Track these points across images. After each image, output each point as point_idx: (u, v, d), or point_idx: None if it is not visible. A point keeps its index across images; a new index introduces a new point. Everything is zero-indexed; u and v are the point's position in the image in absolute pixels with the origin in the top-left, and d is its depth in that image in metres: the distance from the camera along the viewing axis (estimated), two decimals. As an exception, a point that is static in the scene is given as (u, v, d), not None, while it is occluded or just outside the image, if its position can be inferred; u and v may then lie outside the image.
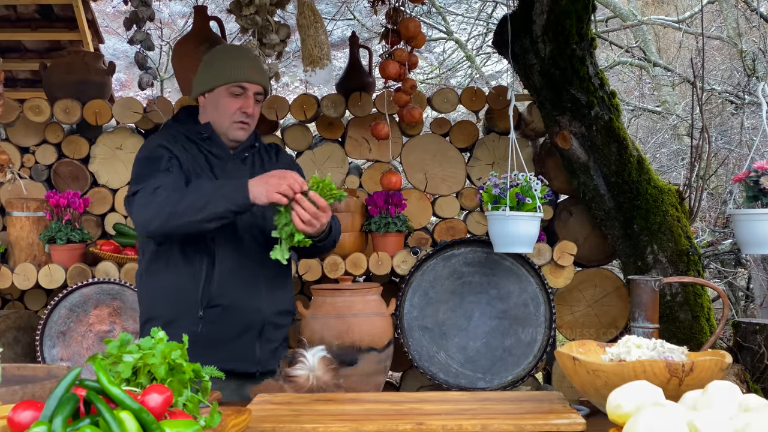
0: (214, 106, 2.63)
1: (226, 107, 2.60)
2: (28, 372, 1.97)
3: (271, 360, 2.63)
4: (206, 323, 2.53)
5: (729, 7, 7.47)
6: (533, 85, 3.71)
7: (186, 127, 2.66)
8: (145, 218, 2.43)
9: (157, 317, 2.54)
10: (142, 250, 2.66)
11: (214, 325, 2.53)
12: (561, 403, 2.02)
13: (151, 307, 2.61)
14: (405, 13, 3.54)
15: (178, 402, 1.53)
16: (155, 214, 2.39)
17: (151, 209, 2.39)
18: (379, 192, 3.74)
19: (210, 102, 2.64)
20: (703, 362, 1.78)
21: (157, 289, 2.58)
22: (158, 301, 2.58)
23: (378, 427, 1.80)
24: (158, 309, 2.58)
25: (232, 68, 2.60)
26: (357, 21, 9.62)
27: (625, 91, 9.32)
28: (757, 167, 2.65)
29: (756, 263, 5.95)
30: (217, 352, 2.45)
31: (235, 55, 2.69)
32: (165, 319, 2.50)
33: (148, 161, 2.54)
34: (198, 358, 1.85)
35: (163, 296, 2.56)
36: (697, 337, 3.70)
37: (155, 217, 2.39)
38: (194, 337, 2.47)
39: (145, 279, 2.64)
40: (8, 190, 4.04)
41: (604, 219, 3.80)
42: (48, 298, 4.06)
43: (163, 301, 2.56)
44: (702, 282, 2.63)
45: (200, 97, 2.67)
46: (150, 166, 2.51)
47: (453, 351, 3.60)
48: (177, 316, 2.51)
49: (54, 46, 5.73)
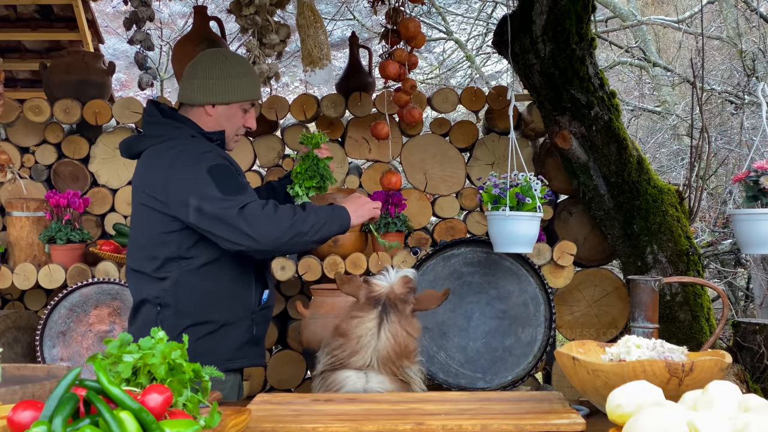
0: (227, 118, 2.69)
1: (237, 122, 2.71)
2: (28, 372, 1.97)
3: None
4: (256, 325, 2.70)
5: (729, 7, 7.48)
6: (533, 85, 3.71)
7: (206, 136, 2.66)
8: (270, 231, 2.43)
9: (208, 321, 2.58)
10: (153, 256, 2.57)
11: (261, 326, 2.74)
12: (561, 403, 2.02)
13: (197, 312, 2.58)
14: (405, 13, 3.54)
15: (178, 402, 1.53)
16: (285, 230, 2.45)
17: (281, 225, 2.45)
18: (379, 192, 3.74)
19: (224, 113, 2.68)
20: (702, 362, 1.78)
21: (204, 294, 2.58)
22: (206, 306, 2.59)
23: (378, 427, 1.80)
24: (207, 314, 2.59)
25: (250, 86, 2.70)
26: (357, 21, 9.62)
27: (625, 91, 9.32)
28: (756, 167, 2.65)
29: (756, 263, 5.95)
30: (258, 349, 2.74)
31: (249, 70, 2.74)
32: (218, 323, 2.59)
33: (227, 171, 2.55)
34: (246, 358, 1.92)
35: (215, 302, 2.59)
36: (696, 337, 3.70)
37: (284, 234, 2.45)
38: (246, 338, 2.65)
39: (185, 288, 2.57)
40: (8, 190, 4.04)
41: (604, 219, 3.80)
42: (48, 298, 4.06)
43: (214, 307, 2.60)
44: (702, 282, 2.63)
45: (209, 107, 2.66)
46: (235, 178, 2.56)
47: (453, 351, 3.60)
48: (232, 320, 2.62)
49: (54, 46, 5.73)
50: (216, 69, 2.66)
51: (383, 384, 2.47)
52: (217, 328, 2.58)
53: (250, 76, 2.72)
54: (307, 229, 2.48)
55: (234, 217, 2.41)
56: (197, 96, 2.65)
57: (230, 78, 2.65)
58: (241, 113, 2.70)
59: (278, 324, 4.20)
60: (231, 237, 2.43)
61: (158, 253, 2.56)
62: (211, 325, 2.58)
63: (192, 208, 2.45)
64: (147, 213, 2.57)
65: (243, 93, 2.67)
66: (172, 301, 2.56)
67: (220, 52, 2.79)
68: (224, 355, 2.59)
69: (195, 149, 2.55)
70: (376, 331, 2.54)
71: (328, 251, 3.69)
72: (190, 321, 2.56)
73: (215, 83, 2.65)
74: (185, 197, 2.46)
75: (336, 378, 2.52)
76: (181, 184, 2.48)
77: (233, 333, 2.62)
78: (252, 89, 2.71)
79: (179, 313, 2.56)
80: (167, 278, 2.56)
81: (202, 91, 2.65)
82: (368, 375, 2.50)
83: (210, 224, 2.45)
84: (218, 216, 2.43)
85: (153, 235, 2.56)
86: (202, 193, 2.44)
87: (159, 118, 2.66)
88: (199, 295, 2.57)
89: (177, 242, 2.54)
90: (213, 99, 2.65)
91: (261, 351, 2.77)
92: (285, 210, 2.48)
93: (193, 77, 2.67)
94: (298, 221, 2.47)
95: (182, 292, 2.56)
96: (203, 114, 2.66)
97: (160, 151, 2.57)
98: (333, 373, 2.54)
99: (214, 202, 2.43)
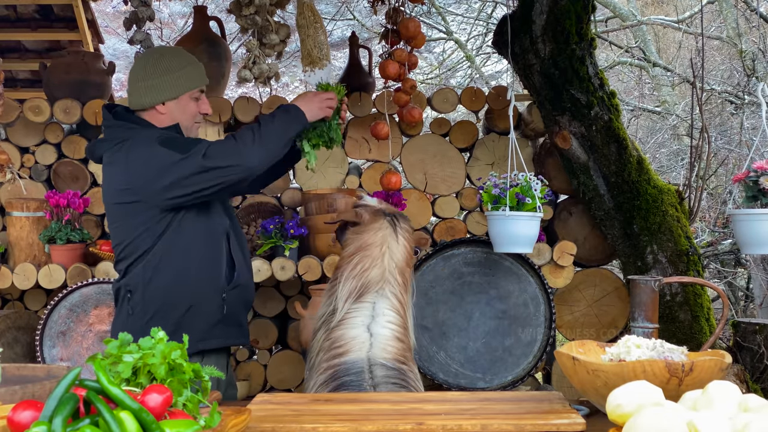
0: (181, 111, 2.75)
1: (191, 110, 2.77)
2: (28, 372, 1.97)
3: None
4: (229, 304, 2.71)
5: (729, 7, 7.47)
6: (533, 85, 3.71)
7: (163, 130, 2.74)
8: (239, 152, 2.53)
9: (175, 305, 2.63)
10: (135, 247, 2.65)
11: (234, 305, 2.73)
12: (561, 403, 2.02)
13: (164, 297, 2.64)
14: (405, 13, 3.54)
15: (178, 402, 1.53)
16: (251, 151, 2.54)
17: (245, 143, 2.55)
18: (379, 192, 3.74)
19: (176, 108, 2.75)
20: (702, 362, 1.78)
21: (171, 279, 2.63)
22: (173, 290, 2.64)
23: (378, 427, 1.80)
24: (174, 297, 2.64)
25: (192, 75, 2.76)
26: (357, 21, 9.61)
27: (624, 91, 9.31)
28: (756, 167, 2.65)
29: (756, 263, 5.94)
30: (235, 328, 2.75)
31: (188, 59, 2.78)
32: (185, 306, 2.63)
33: (177, 137, 2.68)
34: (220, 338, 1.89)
35: (180, 285, 2.64)
36: (696, 337, 3.70)
37: (253, 148, 2.54)
38: (217, 317, 2.65)
39: (152, 274, 2.64)
40: (8, 190, 4.04)
41: (604, 219, 3.80)
42: (48, 298, 4.06)
43: (181, 290, 2.64)
44: (702, 282, 2.63)
45: (160, 105, 2.72)
46: (185, 139, 2.69)
47: (453, 351, 3.60)
48: (200, 301, 2.65)
49: (54, 46, 5.73)
50: (155, 68, 2.72)
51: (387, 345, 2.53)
52: (185, 311, 2.64)
53: (191, 64, 2.77)
54: (270, 139, 2.59)
55: (203, 164, 2.52)
56: (145, 99, 2.72)
57: (172, 72, 2.71)
58: (193, 102, 2.76)
59: (278, 324, 4.20)
60: (215, 180, 2.53)
61: (131, 244, 2.65)
62: (179, 308, 2.63)
63: (165, 187, 2.53)
64: (120, 209, 2.66)
65: (188, 84, 2.74)
66: (141, 287, 2.64)
67: (155, 50, 2.89)
68: (194, 336, 2.61)
69: (143, 136, 2.64)
70: (394, 237, 2.67)
71: (328, 251, 3.69)
72: (158, 305, 2.63)
73: (159, 82, 2.71)
74: (153, 180, 2.54)
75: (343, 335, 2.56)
76: (143, 168, 2.56)
77: (202, 314, 2.66)
78: (195, 77, 2.76)
79: (147, 298, 2.64)
80: (137, 265, 2.65)
81: (148, 92, 2.71)
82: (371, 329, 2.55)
83: (192, 185, 2.53)
84: (191, 173, 2.52)
85: (128, 228, 2.65)
86: (165, 166, 2.53)
87: (112, 122, 2.73)
88: (166, 280, 2.64)
89: (149, 230, 2.62)
90: (161, 97, 2.71)
91: (239, 330, 2.79)
92: (242, 132, 2.60)
93: (136, 81, 2.73)
94: (257, 139, 2.57)
95: (151, 278, 2.65)
96: (157, 114, 2.73)
97: (116, 152, 2.65)
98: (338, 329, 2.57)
99: (179, 165, 2.52)
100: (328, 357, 2.53)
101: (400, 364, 2.53)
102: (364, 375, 2.43)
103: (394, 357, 2.52)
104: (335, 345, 2.54)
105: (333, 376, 2.46)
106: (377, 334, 2.55)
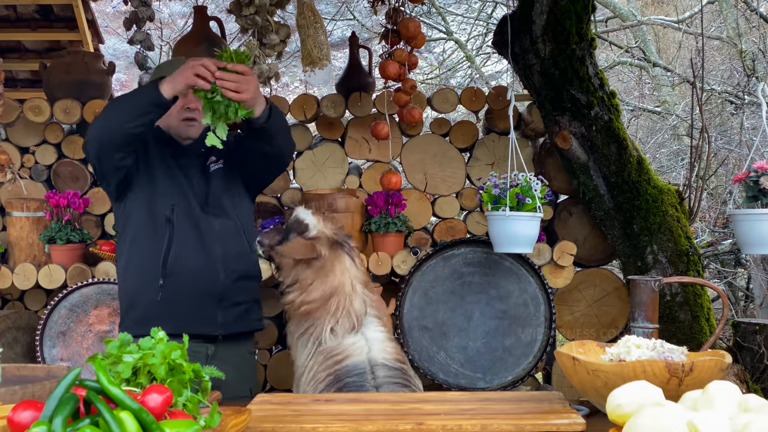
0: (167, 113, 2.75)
1: (177, 106, 2.67)
2: (28, 372, 1.97)
3: (239, 322, 2.79)
4: (166, 291, 2.66)
5: (729, 8, 7.47)
6: (533, 85, 3.71)
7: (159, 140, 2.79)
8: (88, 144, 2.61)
9: (126, 292, 2.72)
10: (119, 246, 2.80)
11: (174, 293, 2.66)
12: (561, 403, 2.02)
13: (122, 287, 2.76)
14: (405, 14, 3.54)
15: (178, 402, 1.53)
16: (94, 123, 2.60)
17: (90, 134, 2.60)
18: (379, 192, 3.74)
19: None
20: (702, 362, 1.78)
21: (126, 268, 2.73)
22: (126, 279, 2.73)
23: (378, 427, 1.80)
24: (126, 284, 2.73)
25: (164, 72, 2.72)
26: (357, 21, 9.61)
27: (624, 91, 9.31)
28: (756, 167, 2.65)
29: (756, 263, 5.94)
30: (176, 318, 2.61)
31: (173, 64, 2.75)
32: (131, 293, 2.69)
33: None
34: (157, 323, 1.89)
35: (130, 273, 2.71)
36: (696, 337, 3.70)
37: (95, 125, 2.58)
38: (154, 305, 2.64)
39: (120, 268, 2.78)
40: (8, 190, 4.04)
41: (604, 219, 3.80)
42: (48, 298, 4.05)
43: (130, 277, 2.71)
44: (702, 282, 2.62)
45: None
46: None
47: (453, 351, 3.60)
48: (140, 288, 2.67)
49: (54, 46, 5.73)
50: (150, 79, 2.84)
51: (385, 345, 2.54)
52: (129, 302, 2.71)
53: (172, 66, 2.67)
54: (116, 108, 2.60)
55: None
56: None
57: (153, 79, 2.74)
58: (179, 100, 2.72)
59: (277, 324, 4.20)
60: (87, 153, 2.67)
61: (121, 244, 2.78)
62: (127, 299, 2.72)
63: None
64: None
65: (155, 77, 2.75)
66: (120, 282, 2.79)
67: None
68: (128, 326, 2.68)
69: None
70: (353, 264, 2.68)
71: (328, 251, 3.69)
72: (122, 296, 2.76)
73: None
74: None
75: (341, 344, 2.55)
76: None
77: (140, 302, 2.67)
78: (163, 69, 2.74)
79: (120, 292, 2.78)
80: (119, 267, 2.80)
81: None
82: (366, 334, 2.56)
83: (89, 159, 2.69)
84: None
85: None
86: None
87: None
88: (122, 271, 2.75)
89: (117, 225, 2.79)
90: None
91: (184, 322, 2.55)
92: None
93: None
94: (106, 108, 2.65)
95: (121, 274, 2.76)
96: None
97: None
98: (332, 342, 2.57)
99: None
100: (326, 366, 2.51)
101: (401, 364, 2.53)
102: (366, 376, 2.43)
103: (393, 357, 2.52)
104: (333, 353, 2.53)
105: (335, 380, 2.45)
106: (372, 338, 2.56)
